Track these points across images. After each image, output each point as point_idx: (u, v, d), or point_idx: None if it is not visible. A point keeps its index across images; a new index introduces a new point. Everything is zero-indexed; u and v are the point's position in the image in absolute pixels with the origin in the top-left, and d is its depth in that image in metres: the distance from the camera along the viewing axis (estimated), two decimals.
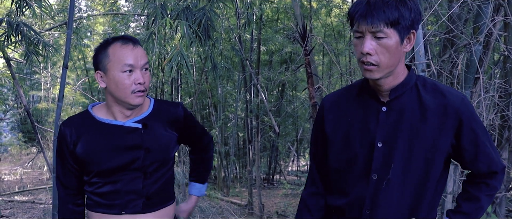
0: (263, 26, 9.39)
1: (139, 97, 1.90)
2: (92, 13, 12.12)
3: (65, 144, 1.96)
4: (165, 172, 2.05)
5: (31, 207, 8.18)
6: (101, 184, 1.96)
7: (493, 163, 1.70)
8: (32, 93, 17.56)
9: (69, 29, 3.39)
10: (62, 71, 3.43)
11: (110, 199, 1.97)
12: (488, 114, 3.39)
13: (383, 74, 1.60)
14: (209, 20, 3.87)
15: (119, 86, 1.87)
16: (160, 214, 2.05)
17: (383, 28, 1.52)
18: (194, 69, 10.64)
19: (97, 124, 1.97)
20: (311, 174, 1.97)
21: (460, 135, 1.63)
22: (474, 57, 3.25)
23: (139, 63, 1.88)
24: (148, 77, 1.94)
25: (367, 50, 1.55)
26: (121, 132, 1.95)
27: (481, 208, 1.74)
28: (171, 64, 3.36)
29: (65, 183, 2.03)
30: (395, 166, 1.65)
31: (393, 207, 1.68)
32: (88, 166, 1.95)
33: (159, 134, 2.01)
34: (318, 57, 10.83)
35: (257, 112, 9.57)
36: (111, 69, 1.88)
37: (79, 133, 1.95)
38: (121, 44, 1.89)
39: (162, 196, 2.06)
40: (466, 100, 1.65)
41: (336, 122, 1.80)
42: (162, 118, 2.04)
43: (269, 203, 9.76)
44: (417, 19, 1.57)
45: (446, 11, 3.42)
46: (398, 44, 1.55)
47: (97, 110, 2.02)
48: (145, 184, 1.98)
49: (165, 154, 2.02)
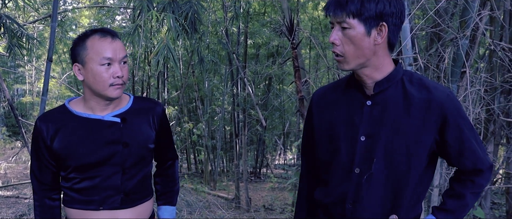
0: (250, 19, 9.36)
1: (118, 90, 1.88)
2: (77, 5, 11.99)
3: (42, 139, 1.92)
4: (143, 167, 2.03)
5: (15, 202, 8.10)
6: (78, 179, 1.94)
7: (479, 161, 1.69)
8: (16, 86, 17.37)
9: (53, 21, 3.35)
10: (46, 64, 3.39)
11: (88, 195, 1.94)
12: (474, 108, 3.40)
13: (353, 65, 1.62)
14: (195, 13, 3.84)
15: (97, 79, 1.85)
16: (138, 210, 2.03)
17: (345, 19, 1.56)
18: (180, 62, 10.59)
19: (74, 118, 1.93)
20: (302, 166, 1.99)
21: (444, 131, 1.63)
22: (460, 51, 3.26)
23: (117, 56, 1.85)
24: (127, 71, 1.92)
25: (332, 39, 1.60)
26: (99, 126, 1.92)
27: (466, 206, 1.73)
28: (157, 57, 3.33)
29: (41, 178, 2.00)
30: (378, 160, 1.65)
31: (376, 201, 1.68)
32: (65, 161, 1.92)
33: (138, 129, 1.98)
34: (305, 50, 10.83)
35: (244, 105, 9.56)
36: (89, 61, 1.85)
37: (56, 128, 1.91)
38: (100, 36, 1.86)
39: (140, 192, 2.03)
40: (452, 96, 1.65)
41: (323, 115, 1.81)
42: (141, 114, 2.02)
43: (256, 197, 9.77)
44: (391, 12, 1.56)
45: (433, 5, 3.43)
46: (363, 35, 1.56)
47: (74, 104, 1.99)
48: (123, 180, 1.95)
49: (143, 150, 1.99)
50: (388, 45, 1.63)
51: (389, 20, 1.57)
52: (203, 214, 7.32)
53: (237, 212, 8.20)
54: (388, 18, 1.56)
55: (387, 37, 1.60)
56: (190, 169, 13.37)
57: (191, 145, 12.62)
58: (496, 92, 3.78)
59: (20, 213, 7.29)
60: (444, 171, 3.40)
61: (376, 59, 1.62)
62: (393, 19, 1.57)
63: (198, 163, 13.12)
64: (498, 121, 3.83)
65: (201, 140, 11.01)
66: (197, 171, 13.13)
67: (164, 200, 2.26)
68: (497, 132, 3.91)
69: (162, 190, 2.26)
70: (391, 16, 1.56)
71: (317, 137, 1.82)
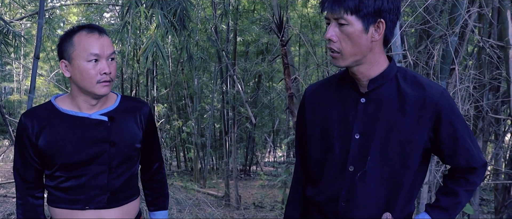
0: (239, 16, 9.33)
1: (105, 87, 1.85)
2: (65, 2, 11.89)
3: (26, 136, 1.89)
4: (130, 167, 2.00)
5: (3, 201, 8.01)
6: (64, 178, 1.90)
7: (473, 159, 1.68)
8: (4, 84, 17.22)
9: (40, 18, 3.30)
10: (34, 62, 3.35)
11: (73, 194, 1.91)
12: (463, 104, 3.42)
13: (349, 62, 1.60)
14: (184, 10, 3.82)
15: (84, 76, 1.82)
16: (124, 209, 2.01)
17: (343, 15, 1.54)
18: (169, 60, 10.55)
19: (61, 115, 1.90)
20: (295, 164, 1.98)
21: (438, 129, 1.62)
22: (450, 48, 3.27)
23: (105, 52, 1.83)
24: (114, 67, 1.89)
25: (329, 36, 1.58)
26: (86, 124, 1.90)
27: (459, 203, 1.72)
28: (146, 54, 3.31)
29: (24, 176, 1.96)
30: (372, 158, 1.64)
31: (369, 199, 1.67)
32: (51, 159, 1.88)
33: (125, 128, 1.96)
34: (294, 48, 10.82)
35: (233, 103, 9.54)
36: (76, 58, 1.82)
37: (41, 125, 1.88)
38: (87, 32, 1.83)
39: (126, 191, 2.01)
40: (446, 94, 1.64)
41: (316, 112, 1.79)
42: (128, 113, 2.00)
43: (246, 194, 9.76)
44: (388, 8, 1.54)
45: (422, 2, 3.43)
46: (361, 32, 1.55)
47: (60, 101, 1.95)
48: (110, 179, 1.93)
49: (130, 149, 1.97)
50: (384, 41, 1.63)
51: (387, 16, 1.56)
52: (193, 212, 7.29)
53: (227, 210, 8.18)
54: (386, 14, 1.55)
55: (383, 34, 1.59)
56: (180, 167, 13.34)
57: (181, 143, 12.59)
58: (484, 89, 3.80)
59: (8, 212, 7.21)
60: (433, 168, 3.41)
61: (372, 56, 1.61)
62: (390, 15, 1.56)
63: (187, 161, 13.10)
64: (486, 117, 3.85)
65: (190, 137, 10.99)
66: (186, 169, 13.10)
67: (156, 206, 2.24)
68: (485, 129, 3.93)
69: (153, 196, 2.24)
70: (389, 12, 1.55)
71: (309, 134, 1.80)
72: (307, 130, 1.82)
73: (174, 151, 13.35)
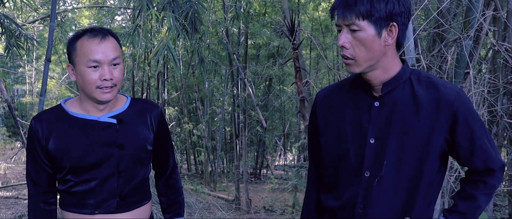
0: (250, 20, 9.32)
1: (107, 94, 1.82)
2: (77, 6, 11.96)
3: (37, 139, 1.87)
4: (140, 170, 1.97)
5: (14, 202, 8.07)
6: (73, 182, 1.89)
7: (490, 160, 1.63)
8: (16, 87, 17.33)
9: (51, 21, 3.31)
10: (45, 65, 3.35)
11: (83, 198, 1.89)
12: (478, 109, 3.37)
13: (363, 68, 1.58)
14: (196, 13, 3.81)
15: (84, 81, 1.80)
16: (135, 213, 1.98)
17: (355, 21, 1.51)
18: (181, 63, 10.56)
19: (70, 118, 1.89)
20: (309, 169, 1.95)
21: (455, 130, 1.58)
22: (464, 51, 3.23)
23: (106, 58, 1.79)
24: (119, 72, 1.85)
25: (341, 43, 1.55)
26: (95, 128, 1.88)
27: (478, 208, 1.67)
28: (157, 57, 3.30)
29: (36, 180, 1.95)
30: (388, 162, 1.60)
31: (387, 205, 1.63)
32: (60, 162, 1.87)
33: (134, 131, 1.93)
34: (305, 51, 10.80)
35: (244, 106, 9.52)
36: (78, 63, 1.81)
37: (51, 128, 1.87)
38: (88, 37, 1.80)
39: (137, 196, 1.98)
40: (462, 94, 1.59)
41: (328, 117, 1.76)
42: (138, 115, 1.97)
43: (256, 198, 9.73)
44: (400, 11, 1.51)
45: (436, 5, 3.39)
46: (374, 37, 1.52)
47: (70, 104, 1.94)
48: (119, 183, 1.91)
49: (140, 152, 1.94)
50: (397, 44, 1.59)
51: (399, 19, 1.52)
52: (203, 215, 7.28)
53: (237, 214, 8.16)
54: (397, 17, 1.52)
55: (396, 37, 1.55)
56: (190, 170, 13.34)
57: (191, 146, 12.59)
58: (499, 93, 3.75)
59: (19, 214, 7.25)
60: (447, 173, 3.36)
61: (385, 60, 1.58)
62: (402, 18, 1.53)
63: (198, 164, 13.09)
64: (501, 122, 3.79)
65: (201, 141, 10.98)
66: (197, 172, 13.10)
67: (172, 213, 2.19)
68: (500, 134, 3.88)
69: (167, 202, 2.18)
70: (400, 15, 1.52)
71: (322, 140, 1.77)
72: (320, 135, 1.79)
73: (184, 154, 13.36)
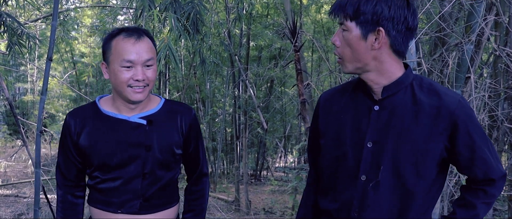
0: (252, 21, 9.32)
1: (138, 94, 1.83)
2: (79, 5, 11.97)
3: (69, 134, 1.91)
4: (167, 173, 1.96)
5: (14, 201, 8.07)
6: (100, 179, 1.91)
7: (491, 170, 1.61)
8: (18, 85, 17.37)
9: (54, 20, 3.31)
10: (46, 64, 3.35)
11: (108, 196, 1.92)
12: (478, 114, 3.36)
13: (351, 68, 1.59)
14: (198, 13, 3.81)
15: (117, 80, 1.82)
16: (158, 216, 1.97)
17: (344, 21, 1.54)
18: (182, 63, 10.56)
19: (101, 116, 1.91)
20: (309, 171, 1.96)
21: (455, 139, 1.56)
22: (465, 56, 3.23)
23: (140, 59, 1.80)
24: (152, 73, 1.85)
25: (333, 40, 1.60)
26: (124, 127, 1.89)
27: (476, 216, 1.65)
28: (159, 57, 3.30)
29: (66, 173, 1.98)
30: (385, 168, 1.59)
31: (382, 210, 1.62)
32: (89, 158, 1.90)
33: (163, 133, 1.92)
34: (307, 53, 10.79)
35: (245, 107, 9.52)
36: (112, 62, 1.82)
37: (83, 124, 1.90)
38: (124, 37, 1.81)
39: (162, 198, 1.98)
40: (464, 102, 1.58)
41: (329, 119, 1.76)
42: (169, 117, 1.96)
43: (256, 200, 9.72)
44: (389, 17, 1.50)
45: (438, 9, 3.39)
46: (358, 39, 1.53)
47: (103, 102, 1.96)
48: (143, 185, 1.90)
49: (167, 155, 1.93)
50: (394, 51, 1.57)
51: (388, 25, 1.51)
52: None
53: (237, 215, 8.15)
54: (386, 23, 1.50)
55: (389, 43, 1.54)
56: None
57: None
58: (500, 98, 3.74)
59: (18, 212, 7.25)
60: (447, 178, 3.36)
61: (378, 64, 1.57)
62: (393, 24, 1.51)
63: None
64: (501, 127, 3.79)
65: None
66: None
67: None
68: (500, 139, 3.87)
69: (188, 207, 2.15)
70: (391, 21, 1.50)
71: (322, 141, 1.77)
72: (320, 137, 1.79)
73: None
